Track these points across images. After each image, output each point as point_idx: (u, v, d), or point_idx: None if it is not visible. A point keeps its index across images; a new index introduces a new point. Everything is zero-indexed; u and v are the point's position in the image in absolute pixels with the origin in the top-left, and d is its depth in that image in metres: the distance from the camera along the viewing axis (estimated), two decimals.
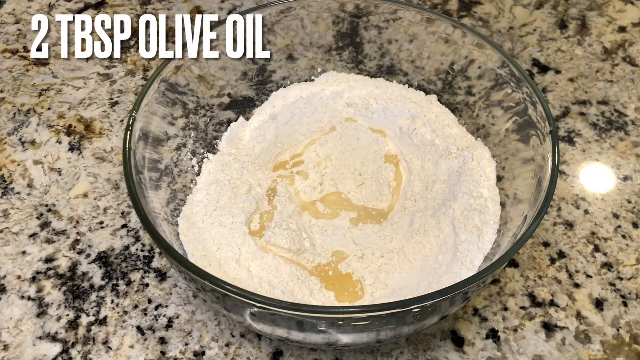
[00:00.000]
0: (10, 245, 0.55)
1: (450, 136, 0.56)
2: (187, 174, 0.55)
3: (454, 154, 0.55)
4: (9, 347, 0.50)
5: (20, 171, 0.61)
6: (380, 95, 0.59)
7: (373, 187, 0.57)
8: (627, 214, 0.58)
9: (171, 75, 0.53)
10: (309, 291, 0.50)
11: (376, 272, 0.52)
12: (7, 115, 0.65)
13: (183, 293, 0.53)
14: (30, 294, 0.53)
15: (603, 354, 0.50)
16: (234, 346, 0.50)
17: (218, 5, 0.76)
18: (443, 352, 0.50)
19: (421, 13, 0.58)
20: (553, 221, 0.58)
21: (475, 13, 0.75)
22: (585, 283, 0.54)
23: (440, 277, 0.48)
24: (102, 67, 0.69)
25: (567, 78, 0.69)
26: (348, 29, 0.61)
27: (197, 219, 0.52)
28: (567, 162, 0.62)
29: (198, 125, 0.57)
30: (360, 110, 0.60)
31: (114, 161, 0.61)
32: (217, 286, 0.41)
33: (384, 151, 0.59)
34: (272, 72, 0.61)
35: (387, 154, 0.59)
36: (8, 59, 0.70)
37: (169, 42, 0.72)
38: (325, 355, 0.50)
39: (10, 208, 0.58)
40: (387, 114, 0.59)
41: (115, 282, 0.53)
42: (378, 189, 0.57)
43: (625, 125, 0.65)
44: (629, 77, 0.69)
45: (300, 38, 0.60)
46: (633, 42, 0.72)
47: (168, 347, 0.50)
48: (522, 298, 0.53)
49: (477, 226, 0.51)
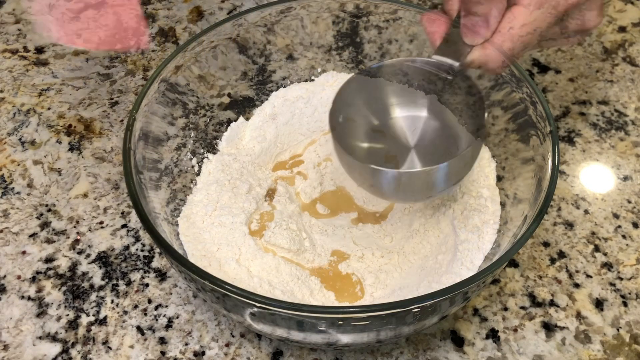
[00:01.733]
0: (10, 245, 0.55)
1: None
2: (187, 174, 0.55)
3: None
4: (9, 347, 0.50)
5: (20, 171, 0.61)
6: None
7: None
8: (627, 214, 0.58)
9: (171, 75, 0.53)
10: (309, 291, 0.50)
11: (376, 272, 0.52)
12: (7, 115, 0.65)
13: (183, 293, 0.53)
14: (30, 294, 0.53)
15: (603, 354, 0.50)
16: (234, 346, 0.50)
17: (218, 5, 0.76)
18: (443, 352, 0.50)
19: (421, 13, 0.57)
20: (553, 221, 0.58)
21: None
22: (585, 283, 0.54)
23: (440, 277, 0.48)
24: (102, 67, 0.69)
25: (567, 78, 0.69)
26: (348, 29, 0.61)
27: (197, 219, 0.52)
28: (567, 162, 0.62)
29: (198, 125, 0.57)
30: None
31: (114, 161, 0.61)
32: (217, 286, 0.41)
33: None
34: (272, 72, 0.61)
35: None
36: (8, 59, 0.70)
37: (169, 42, 0.72)
38: (325, 355, 0.50)
39: (10, 208, 0.58)
40: None
41: (115, 282, 0.53)
42: None
43: (625, 125, 0.65)
44: (629, 77, 0.69)
45: (300, 38, 0.60)
46: (633, 42, 0.72)
47: (168, 347, 0.50)
48: (522, 298, 0.53)
49: (477, 226, 0.51)
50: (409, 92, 0.51)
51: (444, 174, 0.45)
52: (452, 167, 0.44)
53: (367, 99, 0.51)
